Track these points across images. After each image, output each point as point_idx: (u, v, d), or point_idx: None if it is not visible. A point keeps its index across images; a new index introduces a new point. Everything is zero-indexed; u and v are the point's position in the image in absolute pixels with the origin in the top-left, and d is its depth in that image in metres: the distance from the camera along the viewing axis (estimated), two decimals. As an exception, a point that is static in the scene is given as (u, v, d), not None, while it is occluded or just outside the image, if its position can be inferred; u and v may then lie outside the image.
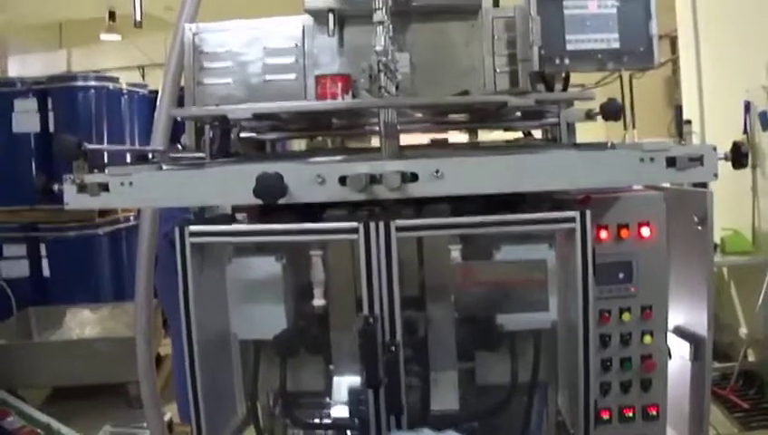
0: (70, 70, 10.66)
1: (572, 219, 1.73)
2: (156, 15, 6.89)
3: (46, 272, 5.86)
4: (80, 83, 6.05)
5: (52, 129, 5.88)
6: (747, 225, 5.14)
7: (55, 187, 1.82)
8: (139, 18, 2.40)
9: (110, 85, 6.21)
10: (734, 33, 5.22)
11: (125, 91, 6.41)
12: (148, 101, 6.56)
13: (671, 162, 1.69)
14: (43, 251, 5.86)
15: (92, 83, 6.09)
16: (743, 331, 5.13)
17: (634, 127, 8.01)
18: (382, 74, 1.85)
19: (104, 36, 9.69)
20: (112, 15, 9.43)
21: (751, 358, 5.02)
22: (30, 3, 8.46)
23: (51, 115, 5.91)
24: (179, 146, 2.35)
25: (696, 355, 2.13)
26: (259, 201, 1.65)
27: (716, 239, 4.92)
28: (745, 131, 5.01)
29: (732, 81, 5.24)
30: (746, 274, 5.12)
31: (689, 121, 5.56)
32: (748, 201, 5.08)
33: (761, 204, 5.03)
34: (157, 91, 5.16)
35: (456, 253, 1.82)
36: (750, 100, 4.97)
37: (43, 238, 5.85)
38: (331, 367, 2.08)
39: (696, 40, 5.84)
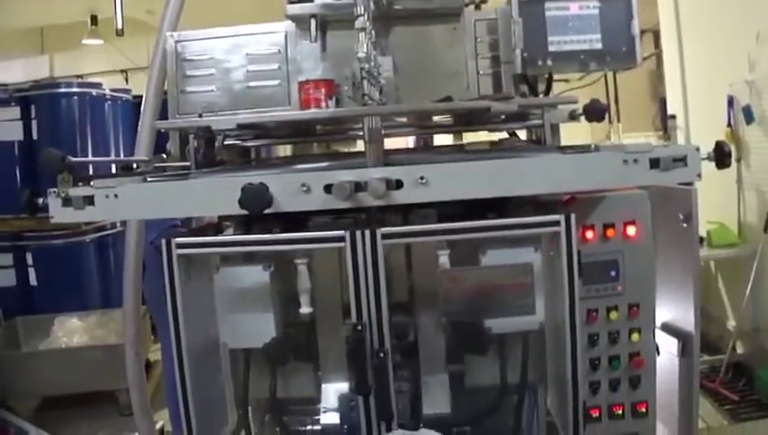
0: (52, 75, 10.59)
1: (557, 223, 1.73)
2: (138, 19, 6.85)
3: (33, 281, 5.81)
4: (63, 90, 6.01)
5: (35, 136, 5.84)
6: (733, 217, 5.17)
7: (40, 200, 1.81)
8: (120, 26, 2.38)
9: (94, 91, 6.18)
10: (716, 27, 5.25)
11: (108, 97, 6.38)
12: (132, 107, 6.54)
13: (655, 163, 1.69)
14: (30, 260, 5.80)
15: (75, 90, 6.06)
16: (731, 323, 5.16)
17: (619, 121, 8.02)
18: (366, 81, 1.85)
19: (86, 41, 9.60)
20: (94, 20, 9.37)
21: (739, 350, 5.05)
22: (10, 8, 8.39)
23: (34, 123, 5.86)
24: (163, 155, 2.34)
25: (684, 351, 2.14)
26: (245, 212, 1.65)
27: (702, 232, 4.96)
28: (729, 125, 5.04)
29: (715, 75, 5.27)
30: (733, 266, 5.16)
31: (674, 116, 5.57)
32: (733, 194, 5.11)
33: (746, 196, 5.06)
34: (140, 97, 5.16)
35: (443, 258, 1.82)
36: (733, 94, 5.00)
37: (29, 247, 5.79)
38: (321, 374, 2.08)
39: (679, 35, 5.87)
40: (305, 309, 1.89)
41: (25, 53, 10.71)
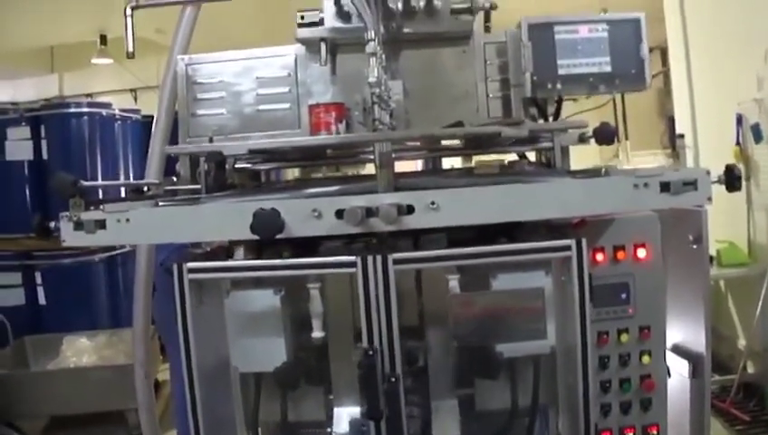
0: (62, 94, 10.67)
1: (568, 247, 1.74)
2: (147, 39, 6.89)
3: (42, 300, 5.82)
4: (72, 110, 6.06)
5: (45, 156, 5.88)
6: (743, 236, 5.15)
7: (51, 224, 1.81)
8: (131, 49, 2.39)
9: (104, 111, 6.22)
10: (724, 45, 5.25)
11: (118, 117, 6.42)
12: (142, 126, 6.58)
13: (665, 187, 1.69)
14: (39, 279, 5.81)
15: (85, 110, 6.11)
16: (741, 342, 5.13)
17: (627, 139, 8.03)
18: (376, 106, 1.86)
19: (96, 60, 9.67)
20: (104, 39, 9.44)
21: (750, 370, 5.01)
22: (21, 27, 8.47)
23: (44, 142, 5.89)
24: (174, 178, 2.35)
25: (695, 373, 2.13)
26: (256, 237, 1.65)
27: (712, 252, 4.93)
28: (738, 144, 5.03)
29: (723, 93, 5.26)
30: (743, 285, 5.13)
31: (683, 135, 5.58)
32: (743, 213, 5.08)
33: (755, 215, 5.04)
34: (150, 116, 5.16)
35: (453, 283, 1.82)
36: (742, 112, 4.99)
37: (38, 266, 5.80)
38: (332, 398, 2.08)
39: (687, 53, 5.87)
40: (317, 333, 1.88)
41: (35, 72, 10.79)
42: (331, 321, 1.94)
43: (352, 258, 1.73)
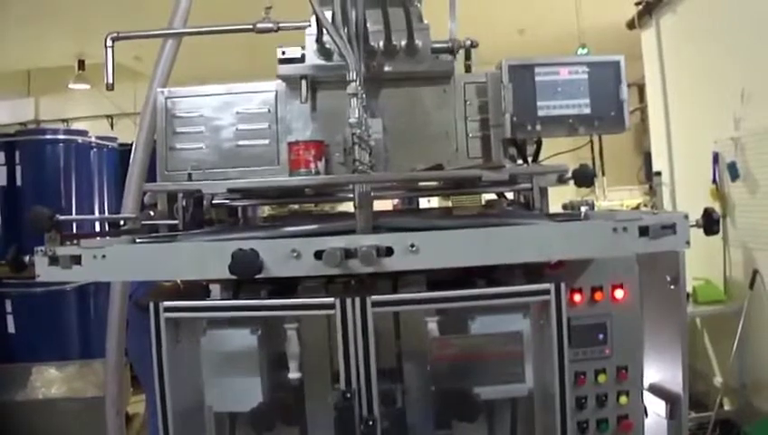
0: (38, 118, 10.62)
1: (547, 291, 1.74)
2: (125, 65, 6.88)
3: (11, 329, 5.70)
4: (48, 136, 6.02)
5: (19, 182, 5.81)
6: (719, 274, 5.18)
7: (26, 258, 1.79)
8: (111, 81, 2.39)
9: (80, 139, 6.16)
10: (701, 84, 5.32)
11: (94, 145, 6.36)
12: (118, 155, 6.52)
13: (644, 231, 1.70)
14: (9, 307, 5.71)
15: (61, 137, 6.06)
16: (717, 379, 5.15)
17: (603, 174, 8.10)
18: (357, 147, 1.86)
19: (73, 85, 9.65)
20: (81, 64, 9.42)
21: (726, 407, 5.03)
22: (-2, 51, 8.45)
23: (18, 168, 5.82)
24: (151, 212, 2.32)
25: (672, 413, 2.13)
26: (234, 277, 1.63)
27: (688, 289, 4.95)
28: (715, 182, 5.09)
29: (700, 131, 5.33)
30: (719, 323, 5.16)
31: (659, 173, 5.64)
32: (719, 251, 5.13)
33: (731, 253, 5.09)
34: (126, 144, 5.11)
35: (432, 325, 1.81)
36: (718, 151, 5.05)
37: (8, 294, 5.69)
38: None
39: (664, 91, 5.95)
40: (294, 374, 1.86)
41: (11, 95, 10.72)
42: (308, 361, 1.92)
43: (331, 300, 1.72)
